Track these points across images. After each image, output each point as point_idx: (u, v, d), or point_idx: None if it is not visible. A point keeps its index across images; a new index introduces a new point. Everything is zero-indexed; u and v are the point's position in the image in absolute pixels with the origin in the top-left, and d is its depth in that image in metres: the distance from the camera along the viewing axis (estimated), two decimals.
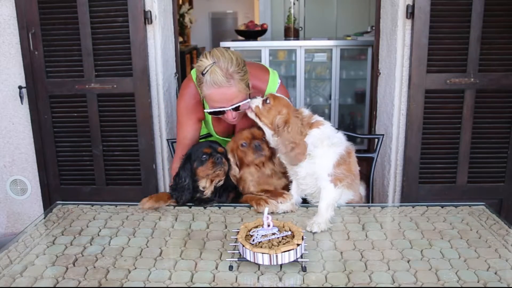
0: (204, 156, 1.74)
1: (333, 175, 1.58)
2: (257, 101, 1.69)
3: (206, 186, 1.76)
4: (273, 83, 1.91)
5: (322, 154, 1.59)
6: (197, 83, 1.75)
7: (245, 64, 1.73)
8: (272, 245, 1.29)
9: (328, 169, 1.58)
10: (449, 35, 2.54)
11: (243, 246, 1.28)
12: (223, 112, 1.75)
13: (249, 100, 1.73)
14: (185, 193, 1.75)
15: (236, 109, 1.73)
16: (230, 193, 1.83)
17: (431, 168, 2.71)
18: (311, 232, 1.50)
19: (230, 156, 1.79)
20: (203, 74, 1.67)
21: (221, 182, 1.78)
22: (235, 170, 1.78)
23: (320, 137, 1.60)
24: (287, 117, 1.61)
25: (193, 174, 1.75)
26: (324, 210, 1.55)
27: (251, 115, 1.71)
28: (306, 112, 1.66)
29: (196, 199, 1.77)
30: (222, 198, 1.79)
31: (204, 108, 1.92)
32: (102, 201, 1.79)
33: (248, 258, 1.27)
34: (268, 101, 1.67)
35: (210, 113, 1.79)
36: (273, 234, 1.33)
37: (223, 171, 1.74)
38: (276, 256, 1.24)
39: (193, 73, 1.93)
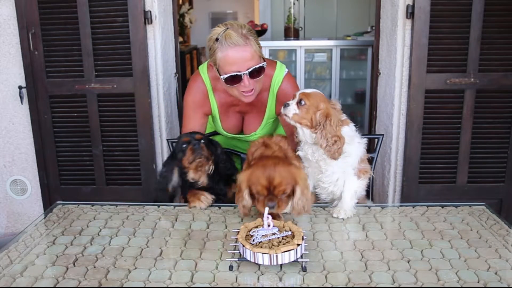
0: (184, 145, 1.73)
1: (357, 169, 1.66)
2: (292, 107, 1.60)
3: (195, 177, 1.76)
4: (281, 69, 1.91)
5: (353, 151, 1.63)
6: (209, 54, 1.73)
7: (255, 33, 1.74)
8: (272, 245, 1.29)
9: (355, 165, 1.65)
10: (449, 35, 2.54)
11: (243, 246, 1.28)
12: (239, 80, 1.71)
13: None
14: (167, 192, 1.76)
15: (253, 75, 1.71)
16: (232, 183, 1.84)
17: (431, 168, 2.71)
18: (337, 217, 1.60)
19: (243, 187, 1.51)
20: (217, 40, 1.67)
21: (211, 169, 1.76)
22: (248, 203, 1.52)
23: (351, 134, 1.64)
24: (327, 110, 1.59)
25: (182, 167, 1.75)
26: (349, 199, 1.64)
27: (291, 121, 1.63)
28: (339, 105, 1.66)
29: (189, 185, 1.77)
30: (219, 185, 1.79)
31: (210, 104, 1.92)
32: (102, 201, 1.79)
33: (248, 258, 1.27)
34: (302, 102, 1.60)
35: (226, 79, 1.72)
36: (273, 234, 1.34)
37: (203, 157, 1.72)
38: (276, 256, 1.24)
39: (201, 68, 1.93)
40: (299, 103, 1.60)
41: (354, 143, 1.64)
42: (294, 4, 5.70)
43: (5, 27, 2.70)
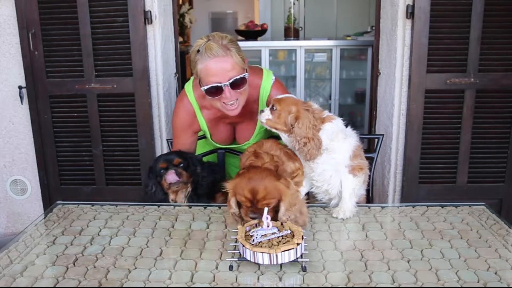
0: (162, 171, 1.75)
1: (350, 166, 1.63)
2: (265, 113, 1.64)
3: (174, 198, 1.79)
4: (267, 78, 1.90)
5: (339, 147, 1.61)
6: (192, 65, 1.72)
7: (238, 45, 1.73)
8: (272, 244, 1.29)
9: (346, 161, 1.62)
10: (449, 35, 2.54)
11: (243, 246, 1.28)
12: (220, 91, 1.69)
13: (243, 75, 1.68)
14: (159, 195, 1.79)
15: (234, 86, 1.69)
16: (216, 194, 1.85)
17: (431, 168, 2.71)
18: (337, 218, 1.59)
19: (231, 197, 1.51)
20: (198, 52, 1.67)
21: (189, 192, 1.79)
22: (235, 211, 1.51)
23: (334, 130, 1.61)
24: (297, 113, 1.59)
25: (161, 188, 1.79)
26: (348, 198, 1.63)
27: (266, 126, 1.67)
28: (315, 105, 1.65)
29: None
30: (203, 200, 1.81)
31: (199, 122, 1.92)
32: (102, 201, 1.79)
33: (248, 258, 1.27)
34: (274, 107, 1.63)
35: (206, 91, 1.71)
36: (273, 233, 1.33)
37: (181, 183, 1.74)
38: (276, 255, 1.24)
39: (187, 87, 1.92)
40: (271, 108, 1.63)
41: (339, 139, 1.61)
42: (294, 4, 5.69)
43: (5, 27, 2.70)
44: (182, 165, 1.76)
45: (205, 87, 1.70)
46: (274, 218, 1.43)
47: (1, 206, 2.98)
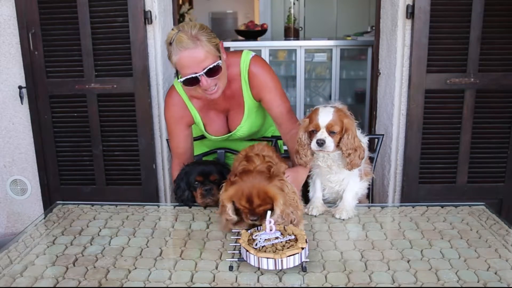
0: (196, 183, 1.74)
1: (362, 170, 1.68)
2: (328, 144, 1.56)
3: (202, 204, 1.77)
4: (246, 55, 1.88)
5: None
6: (168, 56, 1.72)
7: (212, 31, 1.72)
8: (276, 249, 1.28)
9: (362, 165, 1.66)
10: (449, 35, 2.54)
11: (247, 251, 1.26)
12: (197, 81, 1.69)
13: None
14: (188, 203, 1.77)
15: (209, 74, 1.69)
16: None
17: (431, 168, 2.71)
18: (339, 218, 1.61)
19: (227, 204, 1.49)
20: (170, 44, 1.67)
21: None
22: (231, 218, 1.50)
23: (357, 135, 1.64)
24: (347, 125, 1.58)
25: (192, 195, 1.77)
26: (350, 199, 1.66)
27: (331, 154, 1.61)
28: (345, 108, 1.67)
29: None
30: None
31: (191, 112, 1.91)
32: (102, 201, 1.79)
33: (252, 263, 1.26)
34: (334, 131, 1.56)
35: (183, 82, 1.72)
36: (276, 238, 1.32)
37: (212, 201, 1.72)
38: (281, 260, 1.23)
39: (175, 81, 1.92)
40: (331, 133, 1.57)
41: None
42: (294, 4, 5.69)
43: (5, 27, 2.70)
44: (217, 180, 1.72)
45: (182, 79, 1.72)
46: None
47: (1, 206, 2.99)
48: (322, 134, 1.56)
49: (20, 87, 2.74)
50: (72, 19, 2.58)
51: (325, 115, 1.57)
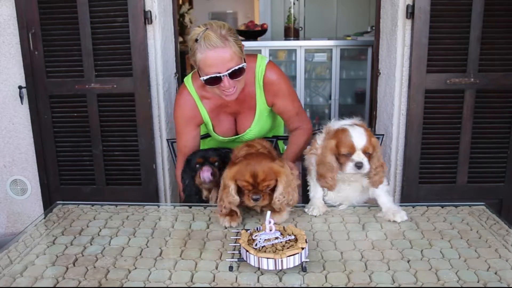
0: (197, 165, 1.75)
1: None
2: (366, 166, 1.53)
3: (207, 195, 1.78)
4: (261, 61, 1.89)
5: None
6: (190, 54, 1.72)
7: (236, 32, 1.74)
8: (276, 249, 1.28)
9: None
10: (449, 35, 2.54)
11: (247, 251, 1.26)
12: (219, 81, 1.70)
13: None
14: (193, 196, 1.77)
15: (233, 75, 1.70)
16: None
17: (431, 168, 2.71)
18: (400, 222, 1.56)
19: (230, 183, 1.52)
20: (196, 41, 1.66)
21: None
22: (234, 199, 1.53)
23: None
24: (375, 142, 1.58)
25: (195, 183, 1.78)
26: (392, 203, 1.63)
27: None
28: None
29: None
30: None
31: (200, 112, 1.92)
32: (102, 201, 1.79)
33: (252, 264, 1.26)
34: (369, 152, 1.54)
35: (205, 81, 1.72)
36: (276, 238, 1.32)
37: (213, 182, 1.73)
38: (282, 260, 1.23)
39: (186, 80, 1.92)
40: (368, 155, 1.54)
41: None
42: (294, 4, 5.70)
43: (5, 27, 2.70)
44: (217, 163, 1.75)
45: (205, 77, 1.72)
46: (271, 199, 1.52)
47: (1, 206, 2.99)
48: (359, 156, 1.52)
49: (20, 87, 2.74)
50: (72, 19, 2.58)
51: (360, 137, 1.53)
